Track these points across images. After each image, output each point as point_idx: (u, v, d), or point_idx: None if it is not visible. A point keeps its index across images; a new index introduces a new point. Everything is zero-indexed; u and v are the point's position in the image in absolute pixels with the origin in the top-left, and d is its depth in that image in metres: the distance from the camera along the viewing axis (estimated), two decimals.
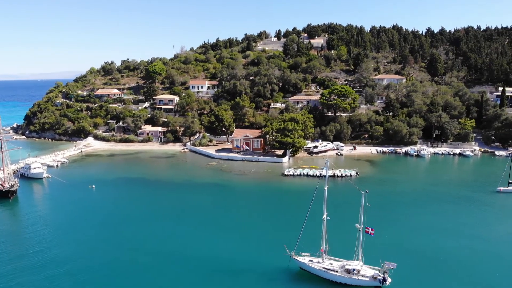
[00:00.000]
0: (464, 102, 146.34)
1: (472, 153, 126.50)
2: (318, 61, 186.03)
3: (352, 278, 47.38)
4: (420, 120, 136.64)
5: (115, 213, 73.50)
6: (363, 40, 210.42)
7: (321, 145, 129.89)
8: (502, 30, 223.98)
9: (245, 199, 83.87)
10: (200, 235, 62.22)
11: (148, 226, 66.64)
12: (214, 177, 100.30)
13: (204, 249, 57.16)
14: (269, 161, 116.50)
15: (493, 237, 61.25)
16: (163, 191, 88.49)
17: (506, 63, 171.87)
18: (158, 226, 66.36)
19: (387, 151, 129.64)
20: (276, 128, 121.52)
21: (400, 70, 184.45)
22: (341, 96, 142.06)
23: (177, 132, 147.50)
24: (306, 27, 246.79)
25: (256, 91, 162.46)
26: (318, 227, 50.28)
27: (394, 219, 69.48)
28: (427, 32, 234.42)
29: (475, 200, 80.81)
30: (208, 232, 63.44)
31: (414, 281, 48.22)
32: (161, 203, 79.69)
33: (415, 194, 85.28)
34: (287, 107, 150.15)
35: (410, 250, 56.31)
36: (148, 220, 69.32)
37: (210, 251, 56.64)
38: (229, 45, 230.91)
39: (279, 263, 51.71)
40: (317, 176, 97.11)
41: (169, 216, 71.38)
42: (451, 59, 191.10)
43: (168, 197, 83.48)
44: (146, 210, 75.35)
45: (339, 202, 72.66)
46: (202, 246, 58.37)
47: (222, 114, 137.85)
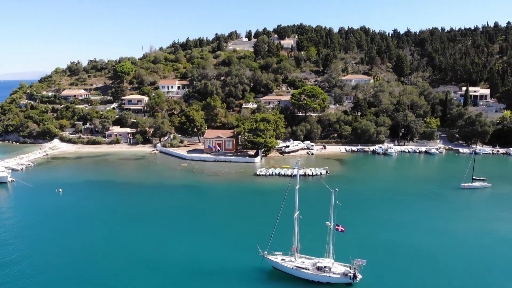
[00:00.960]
0: (429, 101, 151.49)
1: (437, 150, 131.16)
2: (289, 61, 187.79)
3: (324, 276, 48.14)
4: (387, 119, 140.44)
5: (84, 218, 71.56)
6: (332, 41, 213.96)
7: (292, 144, 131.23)
8: (466, 31, 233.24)
9: (217, 200, 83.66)
10: (172, 238, 61.56)
11: (119, 230, 65.30)
12: (185, 178, 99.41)
13: (176, 252, 56.61)
14: (242, 161, 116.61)
15: (458, 232, 63.69)
16: (133, 194, 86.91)
17: (469, 63, 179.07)
18: (129, 230, 65.13)
19: (355, 150, 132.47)
20: (248, 128, 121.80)
21: (367, 70, 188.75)
22: (311, 97, 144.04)
23: (147, 133, 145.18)
24: (276, 27, 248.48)
25: (227, 91, 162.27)
26: (290, 226, 50.82)
27: (363, 216, 71.09)
28: (394, 34, 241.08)
29: (441, 196, 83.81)
30: (180, 234, 62.86)
31: (384, 276, 49.50)
32: (131, 206, 78.26)
33: (383, 191, 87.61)
34: (259, 107, 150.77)
35: (379, 246, 57.74)
36: (119, 224, 67.91)
37: (183, 253, 56.15)
38: (200, 45, 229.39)
39: (252, 263, 51.90)
40: (288, 175, 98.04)
41: (140, 219, 70.16)
42: (416, 60, 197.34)
43: (139, 200, 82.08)
44: (116, 213, 73.81)
45: (310, 201, 73.63)
46: (174, 248, 57.78)
47: (193, 115, 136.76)
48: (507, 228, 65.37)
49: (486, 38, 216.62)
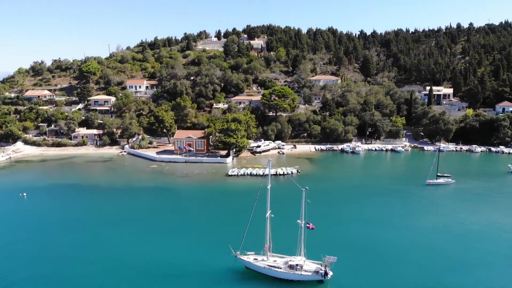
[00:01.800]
0: (395, 101, 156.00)
1: (403, 148, 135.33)
2: (259, 62, 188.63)
3: (296, 274, 48.69)
4: (355, 119, 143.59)
5: (50, 222, 69.21)
6: (300, 42, 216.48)
7: (263, 144, 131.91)
8: (429, 33, 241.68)
9: (189, 201, 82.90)
10: (143, 241, 60.49)
11: (87, 234, 63.53)
12: (155, 180, 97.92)
13: (147, 255, 55.69)
14: (213, 162, 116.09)
15: (424, 227, 65.92)
16: (101, 197, 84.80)
17: (433, 63, 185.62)
18: (97, 234, 63.48)
19: (325, 148, 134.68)
20: (219, 128, 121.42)
21: (335, 71, 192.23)
22: (281, 97, 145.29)
23: (114, 134, 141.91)
24: (246, 28, 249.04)
25: (197, 91, 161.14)
26: (262, 225, 51.11)
27: (333, 213, 72.39)
28: (360, 35, 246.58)
29: (407, 193, 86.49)
30: (151, 237, 61.87)
31: (354, 272, 50.60)
32: (99, 210, 76.32)
33: (352, 189, 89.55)
34: (230, 107, 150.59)
35: (349, 243, 59.01)
36: (87, 228, 66.07)
37: (154, 256, 55.31)
38: (168, 44, 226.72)
39: (224, 264, 51.83)
40: (260, 175, 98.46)
41: (109, 223, 68.54)
42: (382, 60, 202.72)
43: (107, 203, 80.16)
44: (83, 217, 71.74)
45: (282, 200, 74.20)
46: (145, 252, 56.82)
47: (162, 115, 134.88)
48: (470, 222, 68.22)
49: (449, 39, 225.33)
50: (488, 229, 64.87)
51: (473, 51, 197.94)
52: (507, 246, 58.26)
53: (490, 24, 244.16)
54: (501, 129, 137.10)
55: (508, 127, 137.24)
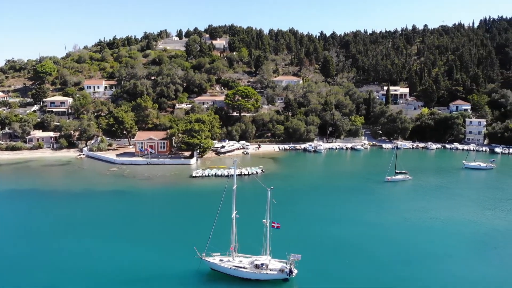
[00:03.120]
0: (354, 100, 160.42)
1: (362, 147, 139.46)
2: (221, 62, 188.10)
3: (261, 273, 48.94)
4: (316, 119, 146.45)
5: (4, 231, 65.67)
6: (262, 42, 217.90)
7: (228, 145, 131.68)
8: (386, 34, 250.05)
9: (152, 204, 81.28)
10: (105, 247, 58.63)
11: (44, 242, 60.73)
12: (116, 183, 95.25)
13: (110, 261, 54.10)
14: (176, 164, 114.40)
15: (384, 222, 68.13)
16: (59, 202, 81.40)
17: (390, 64, 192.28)
18: (56, 242, 60.79)
19: (288, 148, 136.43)
20: (182, 129, 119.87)
21: (297, 71, 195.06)
22: (245, 97, 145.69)
23: (72, 137, 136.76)
24: (208, 27, 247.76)
25: (159, 91, 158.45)
26: (228, 226, 50.98)
27: (297, 211, 73.35)
28: (320, 36, 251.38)
29: (367, 189, 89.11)
30: (113, 243, 60.06)
31: (318, 269, 51.51)
32: (57, 216, 73.18)
33: (315, 187, 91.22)
34: (193, 107, 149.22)
35: (313, 240, 60.02)
36: (44, 236, 63.16)
37: (117, 262, 53.83)
38: (128, 44, 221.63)
39: (190, 266, 51.27)
40: (225, 175, 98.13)
41: (68, 230, 65.81)
42: (341, 61, 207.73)
43: (66, 209, 77.00)
44: (40, 224, 68.55)
45: (247, 200, 74.34)
46: (107, 258, 55.14)
47: (122, 116, 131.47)
48: (427, 217, 71.19)
49: (405, 40, 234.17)
50: (445, 223, 67.87)
51: (428, 52, 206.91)
52: (463, 240, 61.17)
53: (444, 25, 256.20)
54: (454, 126, 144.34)
55: (461, 125, 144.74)
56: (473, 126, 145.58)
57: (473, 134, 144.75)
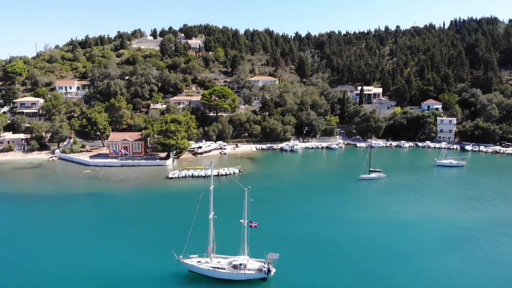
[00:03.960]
0: (329, 100, 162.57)
1: (338, 146, 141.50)
2: (197, 62, 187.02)
3: (240, 273, 48.95)
4: (292, 118, 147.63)
5: None
6: (238, 42, 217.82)
7: (205, 145, 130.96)
8: (360, 35, 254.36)
9: (127, 207, 79.88)
10: (80, 251, 57.19)
11: (17, 247, 58.69)
12: (90, 186, 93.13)
13: (85, 266, 52.85)
14: (152, 165, 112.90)
15: (359, 220, 69.28)
16: (31, 206, 78.85)
17: (364, 64, 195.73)
18: (29, 247, 58.78)
19: (265, 148, 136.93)
20: (157, 130, 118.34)
21: (273, 72, 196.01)
22: (221, 97, 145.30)
23: (43, 138, 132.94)
24: (183, 27, 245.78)
25: (133, 91, 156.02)
26: (205, 227, 50.69)
27: (275, 211, 73.71)
28: (296, 36, 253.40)
29: (343, 188, 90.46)
30: (88, 247, 58.64)
31: (296, 267, 51.89)
32: (30, 220, 70.96)
33: (292, 186, 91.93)
34: (168, 108, 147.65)
35: (291, 239, 60.45)
36: (16, 241, 61.06)
37: (93, 266, 52.65)
38: (101, 43, 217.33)
39: (167, 269, 50.73)
40: (202, 176, 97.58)
41: (41, 234, 63.79)
42: (316, 62, 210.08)
43: (38, 213, 74.71)
44: (12, 229, 66.28)
45: (225, 200, 74.20)
46: (82, 262, 53.84)
47: (95, 117, 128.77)
48: (402, 213, 72.79)
49: (378, 41, 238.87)
50: (418, 220, 69.53)
51: (400, 53, 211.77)
52: (437, 235, 62.81)
53: (415, 26, 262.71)
54: (426, 125, 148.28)
55: (433, 124, 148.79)
56: (444, 124, 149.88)
57: (444, 133, 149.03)
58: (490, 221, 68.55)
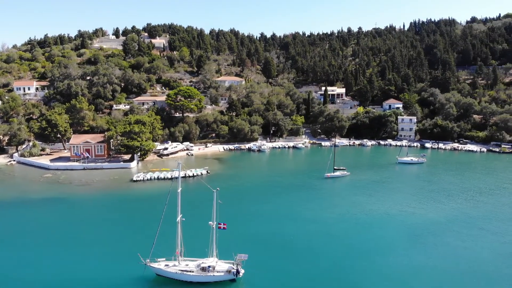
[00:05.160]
0: (294, 101, 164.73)
1: (303, 145, 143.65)
2: (162, 61, 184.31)
3: (208, 275, 48.73)
4: (259, 118, 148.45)
5: None
6: (203, 42, 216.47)
7: (171, 146, 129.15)
8: (323, 36, 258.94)
9: (91, 211, 77.52)
10: (42, 258, 54.92)
11: None
12: (51, 191, 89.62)
13: (49, 273, 50.79)
14: (116, 168, 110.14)
15: (326, 218, 70.54)
16: None
17: (327, 65, 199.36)
18: None
19: (233, 148, 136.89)
20: (121, 131, 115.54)
21: (239, 72, 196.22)
22: (187, 97, 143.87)
23: (1, 142, 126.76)
24: (146, 26, 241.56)
25: (95, 92, 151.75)
26: (173, 230, 50.09)
27: (243, 211, 73.82)
28: (261, 37, 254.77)
29: (309, 186, 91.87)
30: (51, 254, 56.44)
31: (264, 267, 52.14)
32: None
33: (260, 186, 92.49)
34: (132, 108, 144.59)
35: (260, 239, 60.72)
36: None
37: (57, 274, 50.64)
38: (60, 42, 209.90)
39: (134, 273, 49.71)
40: (169, 178, 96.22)
41: (1, 242, 60.95)
42: (282, 62, 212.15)
43: None
44: None
45: (193, 202, 73.63)
46: (45, 269, 51.76)
47: (55, 119, 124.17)
48: (366, 210, 74.77)
49: (340, 42, 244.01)
50: (383, 216, 71.70)
51: (362, 53, 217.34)
52: (402, 230, 64.95)
53: (377, 28, 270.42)
54: (388, 124, 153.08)
55: (394, 122, 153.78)
56: (405, 123, 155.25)
57: (405, 131, 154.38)
58: (452, 216, 71.57)
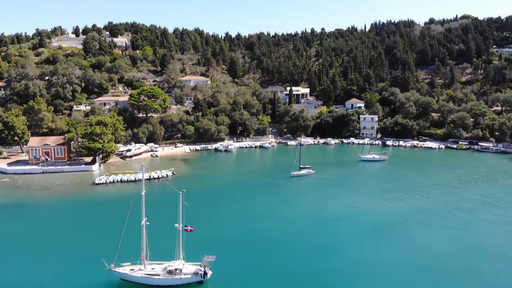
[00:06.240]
0: (261, 100, 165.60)
1: (270, 144, 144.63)
2: (124, 60, 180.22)
3: (175, 278, 48.14)
4: (226, 118, 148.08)
5: None
6: (167, 41, 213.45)
7: (134, 148, 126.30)
8: (288, 37, 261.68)
9: (52, 216, 74.52)
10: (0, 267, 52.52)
11: None
12: (8, 196, 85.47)
13: (8, 283, 48.44)
14: (77, 171, 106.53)
15: (292, 216, 71.32)
16: None
17: (292, 65, 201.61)
18: None
19: (199, 148, 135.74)
20: (82, 133, 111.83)
21: (205, 72, 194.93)
22: (151, 97, 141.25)
23: None
24: (108, 25, 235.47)
25: (54, 92, 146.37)
26: (138, 234, 49.07)
27: (211, 212, 73.35)
28: (226, 37, 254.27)
29: (275, 185, 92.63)
30: (10, 262, 53.84)
31: (232, 267, 52.11)
32: None
33: (227, 186, 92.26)
34: (93, 109, 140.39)
35: (228, 240, 60.57)
36: None
37: (17, 283, 48.38)
38: (17, 41, 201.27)
39: (98, 279, 48.34)
40: (132, 181, 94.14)
41: None
42: (247, 62, 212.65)
43: None
44: None
45: (158, 205, 72.35)
46: (5, 279, 49.30)
47: (12, 121, 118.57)
48: (332, 207, 76.22)
49: (304, 43, 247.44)
50: (349, 212, 73.30)
51: (325, 54, 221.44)
52: (367, 226, 66.65)
53: (339, 29, 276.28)
54: (350, 123, 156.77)
55: (356, 121, 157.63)
56: (366, 122, 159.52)
57: (367, 129, 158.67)
58: (414, 210, 74.22)
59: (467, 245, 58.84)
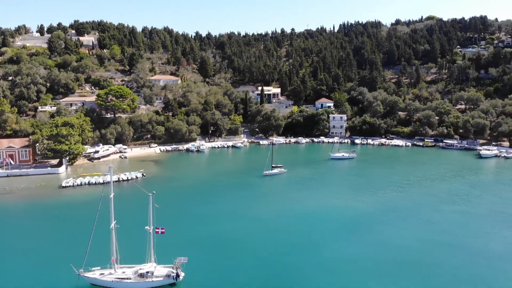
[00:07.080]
0: (232, 100, 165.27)
1: (242, 144, 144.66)
2: (91, 60, 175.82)
3: (147, 281, 47.47)
4: (197, 118, 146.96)
5: None
6: (136, 40, 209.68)
7: (102, 149, 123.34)
8: (258, 37, 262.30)
9: (17, 222, 71.69)
10: None
11: None
12: None
13: None
14: (42, 173, 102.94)
15: (265, 215, 71.59)
16: None
17: (263, 65, 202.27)
18: None
19: (170, 149, 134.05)
20: (47, 134, 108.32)
21: (175, 71, 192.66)
22: (119, 97, 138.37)
23: None
24: (74, 23, 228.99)
25: (18, 93, 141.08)
26: (107, 237, 48.01)
27: (183, 214, 72.70)
28: (196, 36, 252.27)
29: (248, 184, 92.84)
30: None
31: (205, 269, 51.81)
32: None
33: (199, 187, 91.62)
34: (59, 110, 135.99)
35: (200, 241, 60.20)
36: None
37: None
38: None
39: (67, 285, 47.00)
40: (100, 183, 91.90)
41: None
42: (218, 62, 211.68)
43: None
44: None
45: (128, 207, 71.08)
46: None
47: None
48: (303, 205, 77.02)
49: (275, 43, 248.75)
50: (321, 209, 74.34)
51: (295, 54, 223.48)
52: (339, 223, 67.77)
53: (309, 29, 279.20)
54: (320, 122, 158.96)
55: (326, 120, 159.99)
56: (336, 121, 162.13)
57: (336, 128, 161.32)
58: (385, 207, 76.20)
59: (434, 240, 60.82)
